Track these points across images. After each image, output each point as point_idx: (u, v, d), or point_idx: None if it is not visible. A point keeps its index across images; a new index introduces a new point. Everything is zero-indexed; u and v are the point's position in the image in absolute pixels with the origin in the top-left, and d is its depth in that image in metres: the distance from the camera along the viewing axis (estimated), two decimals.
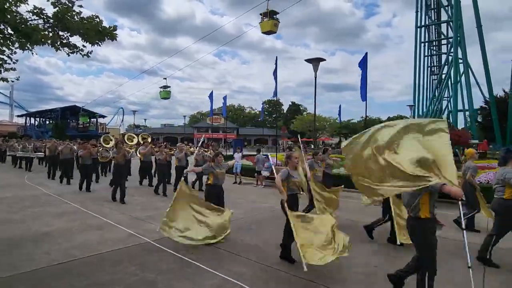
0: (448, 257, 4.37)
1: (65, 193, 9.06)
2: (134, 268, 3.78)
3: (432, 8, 46.63)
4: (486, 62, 37.01)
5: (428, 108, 44.31)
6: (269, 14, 18.14)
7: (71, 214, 6.54)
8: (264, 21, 18.61)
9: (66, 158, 11.08)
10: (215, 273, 3.69)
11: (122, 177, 8.10)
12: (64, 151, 11.11)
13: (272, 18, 18.51)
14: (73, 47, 4.90)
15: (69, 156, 11.30)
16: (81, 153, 9.34)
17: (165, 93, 28.23)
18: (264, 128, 61.41)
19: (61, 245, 4.60)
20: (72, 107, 47.80)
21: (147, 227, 5.63)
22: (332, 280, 3.56)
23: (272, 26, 18.44)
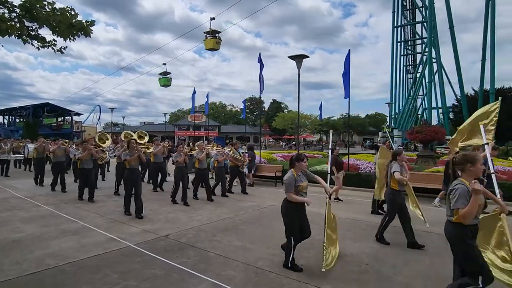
0: (435, 251, 4.42)
1: (37, 195, 8.50)
2: (115, 276, 3.53)
3: (407, 9, 48.16)
4: (458, 62, 38.72)
5: (404, 107, 45.83)
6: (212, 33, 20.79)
7: (44, 218, 6.10)
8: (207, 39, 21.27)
9: (59, 161, 9.41)
10: (203, 277, 3.51)
11: (137, 184, 6.42)
12: (56, 153, 9.42)
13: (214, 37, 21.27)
14: (42, 40, 4.51)
15: (63, 159, 9.69)
16: (80, 155, 7.84)
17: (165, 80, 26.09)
18: (246, 126, 61.21)
19: (33, 253, 4.23)
20: (45, 104, 45.41)
21: (128, 230, 5.33)
22: (324, 280, 3.47)
23: (215, 44, 21.29)
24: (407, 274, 3.67)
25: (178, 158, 7.84)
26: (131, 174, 6.43)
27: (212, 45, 21.15)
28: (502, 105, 5.13)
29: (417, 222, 5.99)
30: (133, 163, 6.40)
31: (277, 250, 4.41)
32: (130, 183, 6.39)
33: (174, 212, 6.76)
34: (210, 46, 21.21)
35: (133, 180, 6.37)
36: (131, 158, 6.35)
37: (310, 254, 4.29)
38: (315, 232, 5.31)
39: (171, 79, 26.22)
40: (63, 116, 47.93)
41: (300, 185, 3.81)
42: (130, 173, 6.43)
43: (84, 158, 7.80)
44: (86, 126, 53.61)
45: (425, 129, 15.05)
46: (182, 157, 7.84)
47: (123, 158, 6.49)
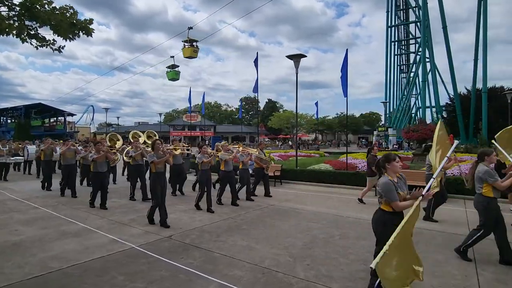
0: (437, 249, 4.46)
1: (34, 197, 8.37)
2: (122, 278, 3.49)
3: (401, 9, 48.56)
4: (451, 62, 39.10)
5: (399, 106, 46.25)
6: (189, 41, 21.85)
7: (43, 220, 6.01)
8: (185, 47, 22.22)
9: (68, 163, 8.77)
10: (210, 278, 3.49)
11: (162, 190, 5.72)
12: (66, 155, 8.78)
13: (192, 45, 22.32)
14: (42, 39, 4.42)
15: (73, 161, 9.02)
16: (94, 157, 7.04)
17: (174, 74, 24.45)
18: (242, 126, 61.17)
19: (35, 256, 4.16)
20: (37, 104, 44.78)
21: (130, 232, 5.28)
22: (332, 279, 3.48)
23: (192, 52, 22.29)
24: None
25: (203, 159, 6.89)
26: (158, 179, 5.65)
27: (190, 54, 22.15)
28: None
29: (418, 220, 6.05)
30: (160, 166, 5.72)
31: (281, 250, 4.42)
32: (159, 189, 5.62)
33: (175, 213, 6.71)
34: (188, 54, 22.18)
35: (161, 187, 5.66)
36: (159, 161, 5.65)
37: (316, 253, 4.30)
38: (318, 231, 5.34)
39: (179, 72, 24.69)
40: (56, 116, 47.31)
41: (400, 194, 3.05)
42: (157, 178, 5.65)
43: (99, 160, 7.06)
44: (79, 127, 53.04)
45: (421, 128, 15.20)
46: (209, 159, 7.00)
47: (150, 161, 5.69)
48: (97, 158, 7.04)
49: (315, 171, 11.17)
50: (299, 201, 8.14)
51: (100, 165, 7.10)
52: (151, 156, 5.71)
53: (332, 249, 4.46)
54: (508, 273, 3.64)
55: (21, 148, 14.13)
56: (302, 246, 4.59)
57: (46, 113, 47.16)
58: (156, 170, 5.68)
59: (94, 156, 7.08)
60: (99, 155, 7.08)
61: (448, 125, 40.06)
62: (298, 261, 4.00)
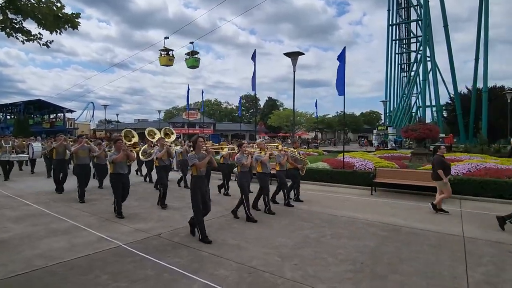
0: (429, 249, 4.40)
1: (26, 194, 8.33)
2: (105, 277, 3.43)
3: (402, 7, 48.29)
4: (452, 61, 38.97)
5: (399, 105, 46.11)
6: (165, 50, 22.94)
7: (34, 217, 5.96)
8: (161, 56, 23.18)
9: (82, 163, 7.85)
10: (195, 278, 3.43)
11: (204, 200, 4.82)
12: (79, 154, 7.86)
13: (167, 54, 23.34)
14: (27, 33, 4.35)
15: (87, 161, 8.16)
16: (114, 157, 6.06)
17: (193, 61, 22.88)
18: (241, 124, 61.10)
19: (21, 253, 4.11)
20: (37, 101, 44.73)
21: (120, 230, 5.23)
22: (319, 280, 3.42)
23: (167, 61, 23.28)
24: (403, 273, 3.64)
25: (243, 160, 6.04)
26: (199, 184, 4.71)
27: (166, 62, 23.15)
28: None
29: (412, 220, 6.00)
30: (203, 168, 4.79)
31: (271, 249, 4.36)
32: (200, 199, 4.70)
33: (168, 211, 6.66)
34: (164, 63, 23.20)
35: (203, 195, 4.76)
36: (201, 163, 4.70)
37: (305, 253, 4.24)
38: (310, 231, 5.28)
39: (199, 59, 23.14)
40: (55, 113, 47.28)
41: None
42: (199, 183, 4.72)
43: (119, 160, 6.10)
44: (79, 123, 53.00)
45: (420, 127, 15.09)
46: (249, 160, 6.15)
47: (190, 164, 4.71)
48: (117, 159, 6.04)
49: (312, 170, 11.09)
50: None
51: (121, 166, 6.16)
52: (192, 158, 4.70)
53: (323, 249, 4.40)
54: (499, 275, 3.58)
55: (25, 145, 13.27)
56: (293, 246, 4.54)
57: (45, 110, 47.13)
58: (197, 173, 4.70)
59: (113, 155, 6.08)
60: (119, 155, 6.07)
61: (448, 124, 40.08)
62: (286, 261, 3.94)
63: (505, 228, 5.26)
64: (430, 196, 8.29)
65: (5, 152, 11.02)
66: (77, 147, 7.89)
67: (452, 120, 39.34)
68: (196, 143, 4.85)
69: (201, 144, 4.89)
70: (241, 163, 6.04)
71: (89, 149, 8.16)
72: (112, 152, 6.35)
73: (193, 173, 4.74)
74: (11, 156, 11.21)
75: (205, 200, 4.78)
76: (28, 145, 12.75)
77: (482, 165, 9.60)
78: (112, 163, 6.10)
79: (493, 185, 8.01)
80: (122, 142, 6.35)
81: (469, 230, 5.36)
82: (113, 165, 6.11)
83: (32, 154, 12.24)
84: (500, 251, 4.34)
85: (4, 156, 10.96)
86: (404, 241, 4.78)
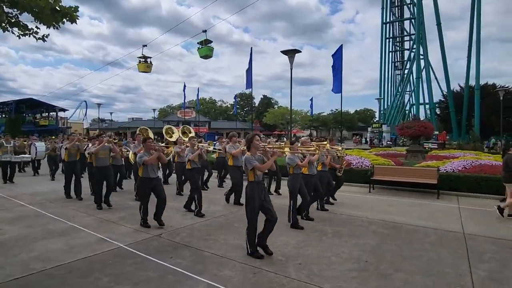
0: (431, 247, 4.41)
1: (21, 194, 8.16)
2: (106, 280, 3.36)
3: (396, 6, 48.54)
4: (445, 59, 39.35)
5: (393, 103, 46.45)
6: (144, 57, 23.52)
7: (29, 219, 5.83)
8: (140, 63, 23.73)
9: (102, 165, 6.80)
10: (200, 279, 3.38)
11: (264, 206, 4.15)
12: (100, 155, 6.80)
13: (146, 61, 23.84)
14: (24, 28, 4.21)
15: (107, 162, 6.99)
16: (145, 158, 5.19)
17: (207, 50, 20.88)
18: (236, 122, 60.94)
19: (17, 256, 4.01)
20: (28, 99, 43.96)
21: (119, 230, 5.14)
22: (324, 279, 3.40)
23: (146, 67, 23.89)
24: (406, 270, 3.64)
25: (297, 160, 5.43)
26: (258, 189, 4.08)
27: (144, 69, 23.82)
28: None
29: (412, 217, 6.02)
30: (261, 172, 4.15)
31: (274, 249, 4.31)
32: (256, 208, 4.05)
33: (166, 211, 6.51)
34: (142, 69, 23.89)
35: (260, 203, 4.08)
36: (262, 166, 4.08)
37: (308, 252, 4.21)
38: (311, 230, 5.26)
39: (213, 48, 21.33)
40: (48, 112, 46.56)
41: None
42: (257, 189, 4.04)
43: (150, 162, 5.23)
44: (72, 122, 52.32)
45: (415, 124, 15.20)
46: (306, 160, 5.45)
47: (250, 166, 3.99)
48: (149, 161, 5.20)
49: None
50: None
51: (152, 168, 5.29)
52: (250, 160, 3.99)
53: (325, 248, 4.38)
54: (502, 272, 3.60)
55: (26, 145, 12.09)
56: (295, 245, 4.51)
57: (37, 109, 46.37)
58: (254, 178, 4.05)
59: (144, 157, 5.20)
60: (152, 157, 5.23)
61: (441, 121, 40.54)
62: (290, 260, 3.91)
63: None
64: (427, 193, 8.37)
65: (6, 152, 10.10)
66: (98, 147, 6.74)
67: (445, 118, 39.77)
68: (252, 142, 4.08)
69: (259, 144, 4.15)
70: (295, 163, 5.23)
71: (110, 149, 7.06)
72: (142, 153, 5.37)
73: (250, 179, 4.06)
74: (13, 157, 10.28)
75: (267, 207, 4.12)
76: (31, 144, 11.83)
77: (477, 162, 9.70)
78: (143, 165, 5.20)
79: (489, 182, 8.08)
80: (152, 141, 5.58)
81: (468, 226, 5.40)
82: (142, 168, 5.24)
83: (35, 154, 11.33)
84: (501, 248, 4.37)
85: (5, 156, 10.02)
86: (405, 239, 4.78)
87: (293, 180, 5.43)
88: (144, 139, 5.65)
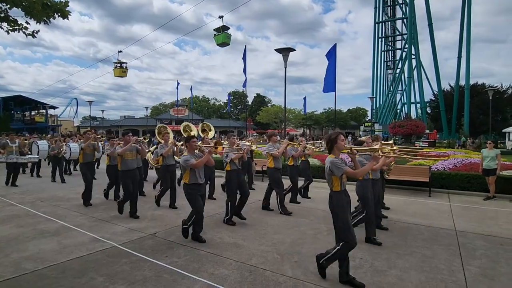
0: (424, 244, 4.47)
1: (11, 193, 8.00)
2: (101, 280, 3.31)
3: (388, 5, 49.00)
4: (436, 58, 39.91)
5: (385, 102, 46.96)
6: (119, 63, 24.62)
7: (20, 218, 5.72)
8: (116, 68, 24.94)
9: (130, 168, 5.86)
10: (196, 278, 3.36)
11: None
12: (126, 156, 5.83)
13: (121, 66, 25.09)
14: (13, 23, 4.12)
15: (135, 165, 6.00)
16: (193, 162, 4.44)
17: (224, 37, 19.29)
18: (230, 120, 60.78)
19: (8, 256, 3.92)
20: (17, 96, 42.98)
21: (113, 229, 5.08)
22: (320, 277, 3.41)
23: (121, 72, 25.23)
24: (401, 267, 3.69)
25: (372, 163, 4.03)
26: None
27: (119, 74, 25.21)
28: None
29: (405, 214, 6.10)
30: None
31: (269, 247, 4.33)
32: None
33: (161, 210, 6.53)
34: (117, 74, 25.17)
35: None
36: (357, 172, 3.56)
37: (304, 250, 4.23)
38: (307, 227, 5.28)
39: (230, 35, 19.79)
40: (37, 109, 45.64)
41: None
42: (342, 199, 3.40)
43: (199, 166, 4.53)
44: (62, 120, 51.41)
45: (407, 123, 15.43)
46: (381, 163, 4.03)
47: (343, 171, 3.31)
48: (198, 164, 4.47)
49: None
50: (287, 196, 8.06)
51: (200, 173, 4.56)
52: (339, 166, 3.28)
53: (321, 245, 4.39)
54: (494, 268, 3.67)
55: (27, 144, 11.07)
56: (291, 243, 4.52)
57: (26, 106, 45.40)
58: (341, 187, 3.44)
59: (191, 160, 4.44)
60: (202, 159, 4.51)
61: (432, 120, 41.17)
62: (286, 258, 3.92)
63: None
64: (419, 191, 8.49)
65: (11, 152, 9.27)
66: (125, 147, 5.84)
67: (435, 117, 40.41)
68: (336, 144, 3.43)
69: (343, 145, 3.51)
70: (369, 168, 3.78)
71: (137, 149, 6.07)
72: (188, 155, 4.52)
73: (335, 188, 3.41)
74: (19, 158, 9.42)
75: None
76: (32, 143, 10.93)
77: (467, 160, 9.90)
78: (190, 170, 4.47)
79: (479, 179, 8.24)
80: (196, 141, 4.75)
81: (460, 223, 5.50)
82: (189, 173, 4.47)
83: (38, 153, 10.40)
84: (492, 244, 4.46)
85: (11, 157, 9.16)
86: (399, 236, 4.85)
87: (365, 186, 4.65)
88: (188, 138, 4.74)
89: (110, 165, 7.21)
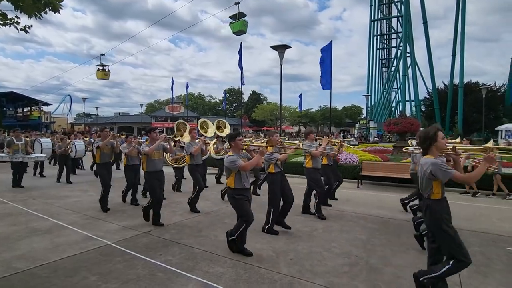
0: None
1: (2, 191, 7.87)
2: (94, 279, 3.27)
3: (384, 3, 49.08)
4: (430, 57, 40.21)
5: (379, 100, 47.21)
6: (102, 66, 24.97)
7: (11, 217, 5.63)
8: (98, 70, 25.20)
9: (156, 170, 5.30)
10: (191, 276, 3.33)
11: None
12: (153, 156, 5.26)
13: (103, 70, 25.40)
14: (3, 17, 4.02)
15: (161, 166, 5.46)
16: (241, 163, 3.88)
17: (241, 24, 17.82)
18: (225, 117, 60.61)
19: (0, 256, 3.86)
20: (9, 93, 42.31)
21: (106, 228, 5.02)
22: (316, 274, 3.41)
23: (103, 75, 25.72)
24: (396, 265, 3.70)
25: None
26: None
27: (101, 76, 25.61)
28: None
29: (399, 212, 6.13)
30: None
31: (265, 245, 4.32)
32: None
33: None
34: (100, 77, 25.61)
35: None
36: (464, 176, 3.15)
37: (299, 247, 4.23)
38: (301, 225, 5.28)
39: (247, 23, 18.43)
40: (30, 106, 45.01)
41: None
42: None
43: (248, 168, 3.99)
44: (56, 117, 50.75)
45: (402, 121, 15.47)
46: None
47: (451, 175, 2.81)
48: (248, 166, 3.92)
49: (298, 164, 11.14)
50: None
51: (246, 176, 4.05)
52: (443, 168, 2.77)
53: (316, 243, 4.41)
54: (488, 265, 3.71)
55: (29, 141, 10.08)
56: (285, 240, 4.52)
57: (18, 102, 44.74)
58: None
59: (238, 161, 3.87)
60: (253, 160, 3.97)
61: (426, 118, 41.51)
62: (281, 256, 3.91)
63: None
64: (413, 189, 8.52)
65: (17, 151, 8.62)
66: (152, 146, 5.23)
67: (429, 114, 40.74)
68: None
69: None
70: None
71: (163, 148, 5.51)
72: (234, 155, 3.94)
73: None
74: (25, 157, 8.83)
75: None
76: (34, 141, 10.41)
77: None
78: (237, 172, 3.92)
79: None
80: (242, 139, 4.18)
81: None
82: (235, 176, 3.93)
83: (41, 152, 9.97)
84: (485, 241, 4.51)
85: (16, 156, 8.56)
86: (393, 233, 4.87)
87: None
88: (233, 136, 4.11)
89: (128, 165, 6.71)
